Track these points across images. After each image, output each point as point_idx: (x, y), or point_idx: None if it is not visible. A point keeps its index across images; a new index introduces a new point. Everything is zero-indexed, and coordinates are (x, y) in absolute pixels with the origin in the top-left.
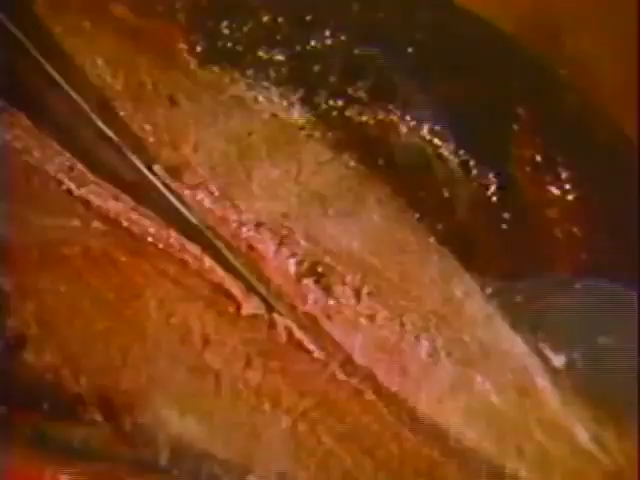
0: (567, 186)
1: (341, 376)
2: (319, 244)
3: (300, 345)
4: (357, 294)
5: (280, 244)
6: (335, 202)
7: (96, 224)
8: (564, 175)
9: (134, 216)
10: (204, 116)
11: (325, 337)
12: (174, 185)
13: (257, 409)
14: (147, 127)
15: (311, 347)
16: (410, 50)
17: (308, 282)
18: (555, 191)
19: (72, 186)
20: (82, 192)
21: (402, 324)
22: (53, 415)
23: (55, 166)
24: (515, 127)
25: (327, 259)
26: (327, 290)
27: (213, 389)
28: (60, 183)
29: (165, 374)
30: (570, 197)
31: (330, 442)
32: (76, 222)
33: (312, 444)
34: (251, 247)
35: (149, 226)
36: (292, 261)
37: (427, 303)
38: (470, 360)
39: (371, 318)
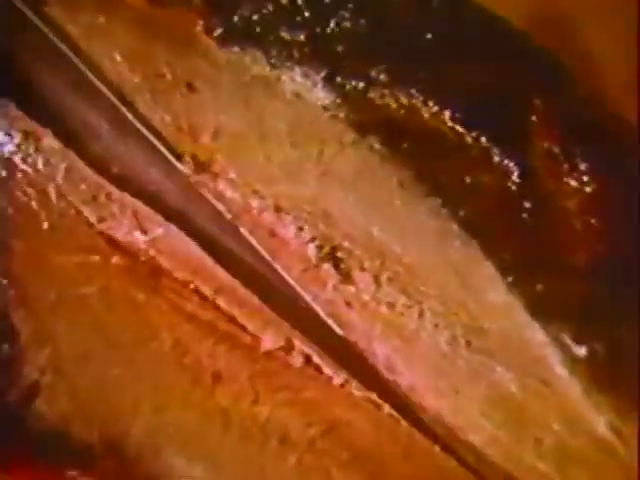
0: (585, 178)
1: (358, 393)
2: (338, 227)
3: (317, 370)
4: (376, 280)
5: (300, 228)
6: (356, 185)
7: (115, 259)
8: (582, 167)
9: (152, 251)
10: (224, 100)
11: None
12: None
13: (264, 446)
14: (167, 118)
15: (328, 371)
16: (429, 36)
17: (328, 267)
18: (573, 183)
19: (93, 219)
20: (103, 226)
21: (422, 312)
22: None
23: (78, 195)
24: (533, 118)
25: (346, 244)
26: (346, 276)
27: (221, 430)
28: (80, 214)
29: (175, 419)
30: (588, 189)
31: (337, 473)
32: (96, 258)
33: (319, 478)
34: (272, 233)
35: (166, 261)
36: (312, 245)
37: (447, 290)
38: (489, 349)
39: (390, 305)
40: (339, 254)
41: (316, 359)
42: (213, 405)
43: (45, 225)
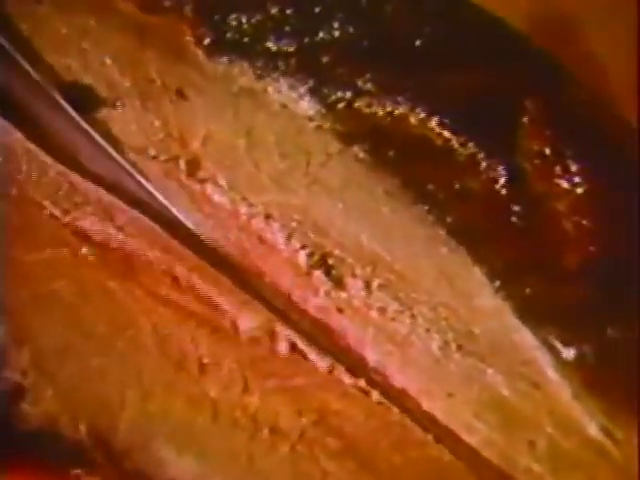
0: (576, 179)
1: (347, 380)
2: (329, 236)
3: (303, 356)
4: (368, 286)
5: (290, 236)
6: (344, 194)
7: (84, 250)
8: (574, 168)
9: (120, 236)
10: (213, 109)
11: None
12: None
13: (255, 436)
14: (157, 123)
15: (314, 357)
16: (418, 43)
17: (319, 274)
18: (564, 184)
19: (57, 212)
20: (68, 218)
21: (413, 317)
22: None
23: (40, 190)
24: (524, 120)
25: (337, 251)
26: (338, 282)
27: (210, 420)
28: (44, 209)
29: (162, 408)
30: (579, 190)
31: (328, 463)
32: (65, 251)
33: (310, 468)
34: (261, 239)
35: (136, 246)
36: (302, 253)
37: (437, 296)
38: (480, 353)
39: (382, 311)
40: (330, 261)
41: (301, 345)
42: (200, 393)
43: (10, 224)
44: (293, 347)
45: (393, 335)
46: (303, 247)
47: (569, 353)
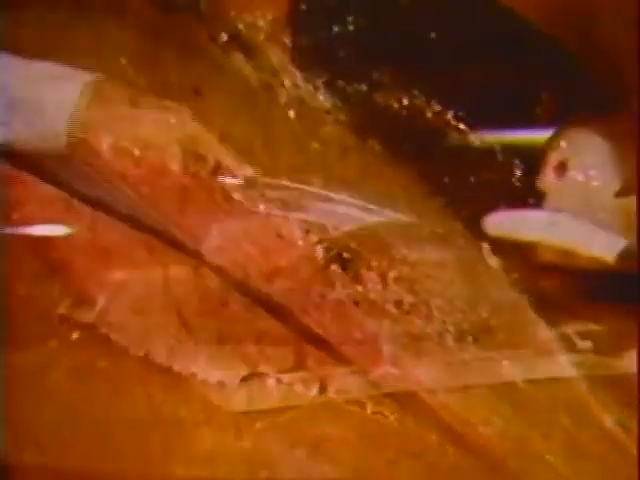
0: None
1: (339, 397)
2: (345, 229)
3: (289, 387)
4: (384, 279)
5: (308, 230)
6: (360, 187)
7: (74, 337)
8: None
9: (104, 329)
10: (229, 105)
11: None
12: None
13: None
14: (173, 122)
15: (301, 389)
16: (434, 35)
17: (335, 268)
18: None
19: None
20: (55, 310)
21: (429, 309)
22: None
23: (20, 277)
24: (538, 112)
25: (353, 244)
26: (354, 276)
27: (209, 475)
28: (28, 298)
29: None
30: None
31: None
32: (54, 342)
33: None
34: (280, 235)
35: (118, 337)
36: (319, 247)
37: (453, 288)
38: (496, 345)
39: (398, 304)
40: (346, 255)
41: (286, 379)
42: (197, 452)
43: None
44: (279, 382)
45: (409, 328)
46: (320, 241)
47: (585, 345)
